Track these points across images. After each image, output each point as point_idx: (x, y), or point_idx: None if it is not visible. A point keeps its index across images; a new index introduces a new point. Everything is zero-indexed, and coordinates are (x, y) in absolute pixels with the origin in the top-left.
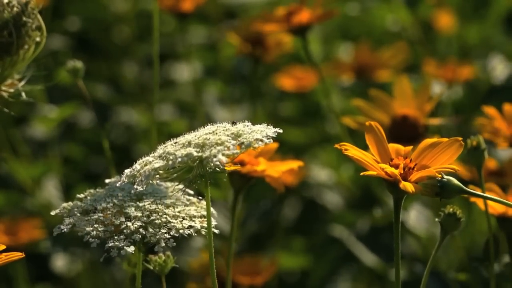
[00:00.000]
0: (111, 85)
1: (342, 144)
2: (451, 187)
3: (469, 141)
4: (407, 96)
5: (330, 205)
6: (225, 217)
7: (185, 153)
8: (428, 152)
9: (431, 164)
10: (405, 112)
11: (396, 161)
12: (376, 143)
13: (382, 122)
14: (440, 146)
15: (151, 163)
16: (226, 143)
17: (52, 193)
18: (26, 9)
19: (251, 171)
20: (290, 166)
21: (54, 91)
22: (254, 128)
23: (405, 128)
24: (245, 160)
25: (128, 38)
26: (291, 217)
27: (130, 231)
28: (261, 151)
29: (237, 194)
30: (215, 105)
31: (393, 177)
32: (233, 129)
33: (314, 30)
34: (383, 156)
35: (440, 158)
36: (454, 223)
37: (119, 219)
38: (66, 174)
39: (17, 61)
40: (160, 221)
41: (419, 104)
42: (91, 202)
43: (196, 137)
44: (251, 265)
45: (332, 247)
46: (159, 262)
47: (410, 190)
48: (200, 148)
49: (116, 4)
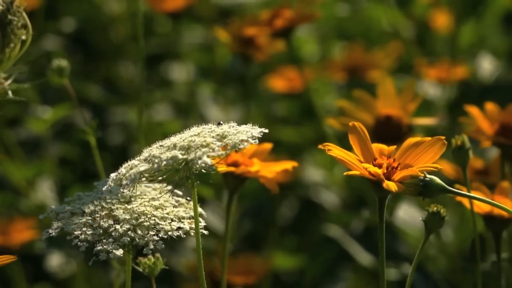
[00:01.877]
0: (107, 85)
1: (326, 145)
2: (434, 186)
3: (454, 140)
4: (391, 96)
5: (326, 204)
6: (219, 217)
7: (170, 156)
8: (411, 152)
9: (414, 163)
10: (389, 112)
11: (379, 160)
12: (359, 143)
13: (366, 122)
14: (423, 145)
15: (137, 167)
16: (211, 144)
17: (46, 194)
18: (11, 7)
19: (245, 172)
20: (284, 167)
21: (48, 92)
22: (240, 128)
23: (388, 128)
24: (239, 161)
25: (124, 39)
26: (287, 216)
27: (118, 234)
28: (255, 152)
29: (232, 195)
30: (209, 106)
31: (376, 176)
32: (218, 130)
33: (310, 30)
34: (366, 156)
35: (424, 157)
36: (437, 221)
37: (107, 222)
38: (62, 175)
39: (3, 59)
40: (149, 223)
41: (403, 104)
42: (79, 205)
43: (181, 139)
44: (244, 264)
45: (327, 247)
46: (149, 264)
47: (393, 189)
48: (185, 150)
49: (111, 5)
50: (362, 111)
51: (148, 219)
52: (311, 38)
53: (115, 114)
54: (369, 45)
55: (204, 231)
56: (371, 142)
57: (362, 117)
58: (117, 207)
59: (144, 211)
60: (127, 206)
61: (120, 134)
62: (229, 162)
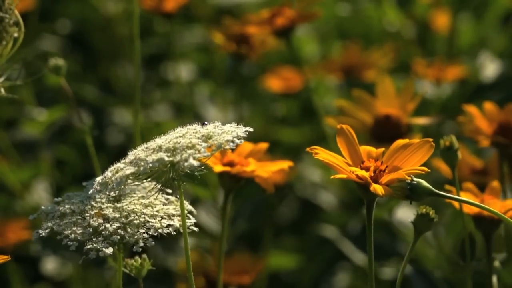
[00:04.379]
0: (105, 86)
1: (313, 148)
2: (421, 189)
3: (442, 141)
4: (390, 96)
5: (324, 204)
6: (213, 216)
7: (156, 159)
8: (399, 154)
9: (402, 166)
10: (388, 112)
11: (367, 163)
12: (347, 146)
13: (365, 122)
14: (411, 147)
15: (122, 170)
16: (197, 146)
17: (42, 196)
18: (3, 4)
19: (241, 171)
20: (280, 166)
21: (44, 93)
22: (225, 128)
23: (388, 127)
24: (235, 161)
25: (122, 39)
26: (285, 216)
27: (108, 232)
28: (251, 151)
29: (227, 194)
30: (207, 106)
31: (363, 180)
32: (203, 131)
33: (311, 30)
34: (354, 159)
35: (412, 159)
36: (426, 223)
37: (97, 221)
38: (59, 176)
39: None
40: (139, 221)
41: (402, 103)
42: (69, 205)
43: (166, 141)
44: (239, 264)
45: (324, 247)
46: (136, 265)
47: (380, 193)
48: (171, 152)
49: (108, 5)
50: (361, 111)
51: (138, 217)
52: (311, 38)
53: (113, 115)
54: (369, 45)
55: (194, 228)
56: (370, 143)
57: (361, 117)
58: (107, 206)
59: (133, 209)
60: (116, 204)
61: (119, 134)
62: (225, 161)
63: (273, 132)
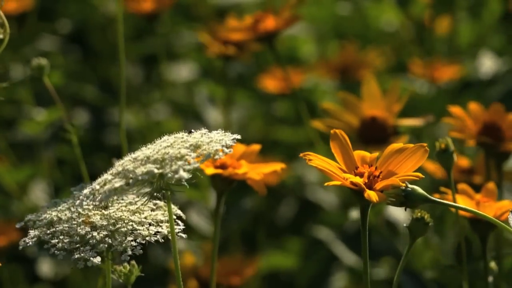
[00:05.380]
0: (104, 86)
1: (306, 154)
2: (416, 196)
3: (438, 143)
4: (375, 98)
5: (325, 204)
6: (205, 217)
7: (146, 171)
8: (394, 159)
9: (396, 171)
10: (374, 114)
11: (361, 169)
12: (341, 151)
13: (351, 124)
14: (405, 152)
15: (111, 182)
16: (187, 156)
17: (39, 196)
18: None
19: (233, 174)
20: (272, 168)
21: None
22: (213, 136)
23: (374, 129)
24: (227, 163)
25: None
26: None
27: (96, 241)
28: (243, 153)
29: (220, 197)
30: (206, 106)
31: (357, 186)
32: (191, 140)
33: (309, 30)
34: (348, 164)
35: (406, 165)
36: (422, 227)
37: (84, 229)
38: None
39: None
40: (126, 228)
41: (388, 105)
42: (56, 213)
43: (154, 151)
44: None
45: (320, 248)
46: (124, 272)
47: (375, 200)
48: (159, 163)
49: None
50: (348, 113)
51: (126, 224)
52: (309, 38)
53: (113, 114)
54: (368, 44)
55: (183, 234)
56: (356, 145)
57: (348, 119)
58: (94, 213)
59: (121, 216)
60: (104, 211)
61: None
62: (217, 164)
63: (272, 132)
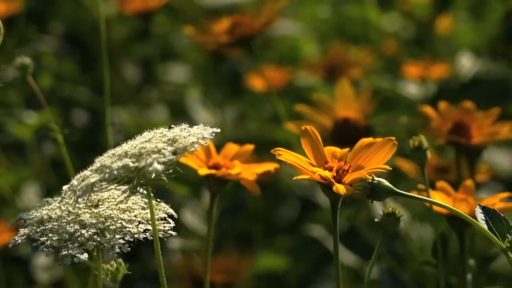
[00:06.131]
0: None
1: (276, 150)
2: (382, 188)
3: (411, 141)
4: (348, 99)
5: (323, 203)
6: (199, 216)
7: (121, 165)
8: (363, 153)
9: (366, 165)
10: (346, 115)
11: (330, 163)
12: (311, 147)
13: (325, 125)
14: (374, 146)
15: (88, 178)
16: (163, 150)
17: (31, 198)
18: None
19: (226, 174)
20: (266, 168)
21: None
22: (192, 131)
23: (346, 130)
24: (221, 163)
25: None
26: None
27: (84, 238)
28: (237, 153)
29: (214, 197)
30: (198, 107)
31: (326, 180)
32: (170, 134)
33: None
34: (318, 159)
35: (375, 158)
36: (393, 222)
37: (73, 227)
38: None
39: None
40: (115, 226)
41: (361, 106)
42: (46, 211)
43: (132, 146)
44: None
45: (312, 247)
46: (111, 271)
47: (342, 192)
48: (136, 158)
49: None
50: (321, 115)
51: (115, 222)
52: (310, 38)
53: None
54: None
55: (173, 232)
56: (329, 145)
57: (321, 121)
58: (84, 212)
59: (111, 214)
60: (94, 210)
61: (116, 135)
62: (210, 164)
63: (269, 131)
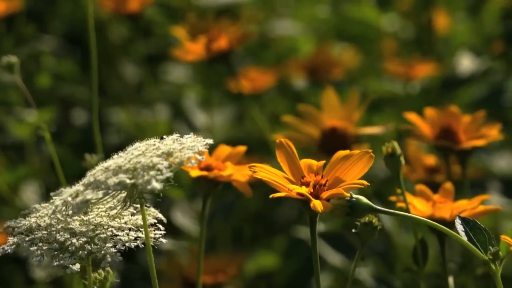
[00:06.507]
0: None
1: (252, 166)
2: (360, 206)
3: (384, 148)
4: (334, 108)
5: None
6: (190, 217)
7: (117, 181)
8: (340, 166)
9: (343, 178)
10: (334, 124)
11: (307, 178)
12: (287, 160)
13: (312, 135)
14: (351, 159)
15: (83, 194)
16: (159, 165)
17: (31, 198)
18: None
19: (218, 176)
20: None
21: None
22: (185, 142)
23: (334, 140)
24: (212, 165)
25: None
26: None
27: (75, 248)
28: (229, 155)
29: (206, 198)
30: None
31: (304, 196)
32: (163, 147)
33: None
34: (295, 173)
35: (352, 171)
36: (370, 232)
37: (63, 236)
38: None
39: None
40: (106, 235)
41: (348, 114)
42: (35, 219)
43: (126, 160)
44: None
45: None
46: (99, 279)
47: (320, 210)
48: (131, 173)
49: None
50: (308, 125)
51: (105, 230)
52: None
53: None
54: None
55: (163, 240)
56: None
57: (308, 131)
58: (74, 219)
59: (100, 222)
60: (83, 217)
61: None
62: (202, 166)
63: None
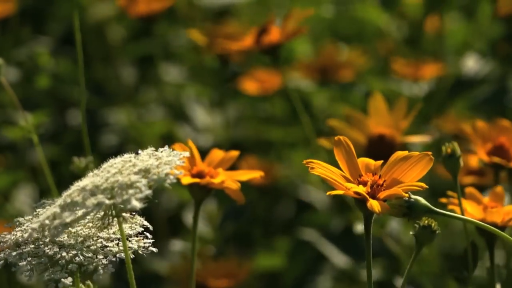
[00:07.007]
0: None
1: (309, 162)
2: (419, 207)
3: (444, 148)
4: (382, 114)
5: (318, 204)
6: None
7: (96, 202)
8: (398, 167)
9: (401, 179)
10: (381, 131)
11: (364, 177)
12: (345, 158)
13: (358, 141)
14: (410, 160)
15: (61, 216)
16: (137, 183)
17: (23, 201)
18: None
19: (210, 183)
20: (251, 176)
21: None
22: (161, 156)
23: (382, 147)
24: (205, 171)
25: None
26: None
27: (65, 261)
28: (222, 160)
29: (198, 205)
30: (195, 107)
31: (361, 196)
32: (139, 163)
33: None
34: (352, 172)
35: (410, 173)
36: (429, 235)
37: (52, 249)
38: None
39: None
40: (96, 246)
41: (395, 121)
42: (20, 233)
43: (103, 179)
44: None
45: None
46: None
47: (377, 210)
48: (109, 192)
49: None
50: (354, 130)
51: (95, 242)
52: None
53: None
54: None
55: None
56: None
57: (354, 136)
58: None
59: (89, 233)
60: (71, 229)
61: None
62: (194, 172)
63: (265, 132)
